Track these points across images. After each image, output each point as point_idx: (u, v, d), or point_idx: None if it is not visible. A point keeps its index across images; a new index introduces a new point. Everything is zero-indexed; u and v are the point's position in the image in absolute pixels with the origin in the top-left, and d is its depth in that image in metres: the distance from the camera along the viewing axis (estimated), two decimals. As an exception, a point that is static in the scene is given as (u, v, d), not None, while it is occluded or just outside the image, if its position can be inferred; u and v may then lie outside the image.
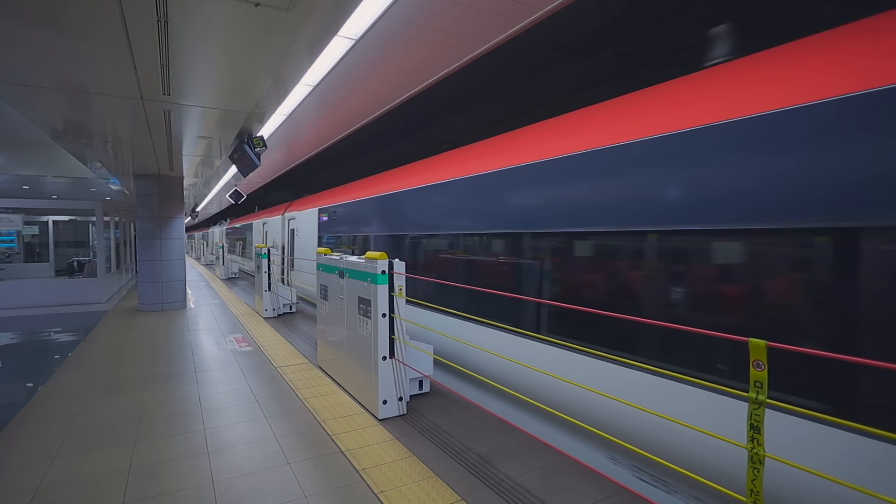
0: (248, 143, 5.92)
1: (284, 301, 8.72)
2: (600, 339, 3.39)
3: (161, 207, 9.38)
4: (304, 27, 3.11)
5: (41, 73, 3.83)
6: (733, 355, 2.61)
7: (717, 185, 2.65)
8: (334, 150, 10.39)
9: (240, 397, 4.21)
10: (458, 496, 2.60)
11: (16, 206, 10.77)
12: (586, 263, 3.62)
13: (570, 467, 2.93)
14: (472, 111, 10.85)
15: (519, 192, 4.27)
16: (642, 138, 3.13)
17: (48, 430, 3.50)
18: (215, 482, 2.76)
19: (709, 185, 2.69)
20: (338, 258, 4.45)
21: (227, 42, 3.32)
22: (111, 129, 5.82)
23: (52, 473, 2.87)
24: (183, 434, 3.44)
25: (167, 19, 2.90)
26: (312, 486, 2.71)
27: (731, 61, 2.96)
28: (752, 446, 1.61)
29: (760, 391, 1.57)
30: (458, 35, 3.86)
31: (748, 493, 1.63)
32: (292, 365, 5.26)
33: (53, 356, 5.89)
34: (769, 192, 2.42)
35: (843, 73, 2.23)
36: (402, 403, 3.79)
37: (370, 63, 4.45)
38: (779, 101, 2.42)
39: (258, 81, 4.16)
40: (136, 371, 5.03)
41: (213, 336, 6.85)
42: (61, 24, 3.00)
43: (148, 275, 9.29)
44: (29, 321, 8.62)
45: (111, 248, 12.57)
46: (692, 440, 2.62)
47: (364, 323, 3.86)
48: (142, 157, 7.71)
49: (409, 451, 3.15)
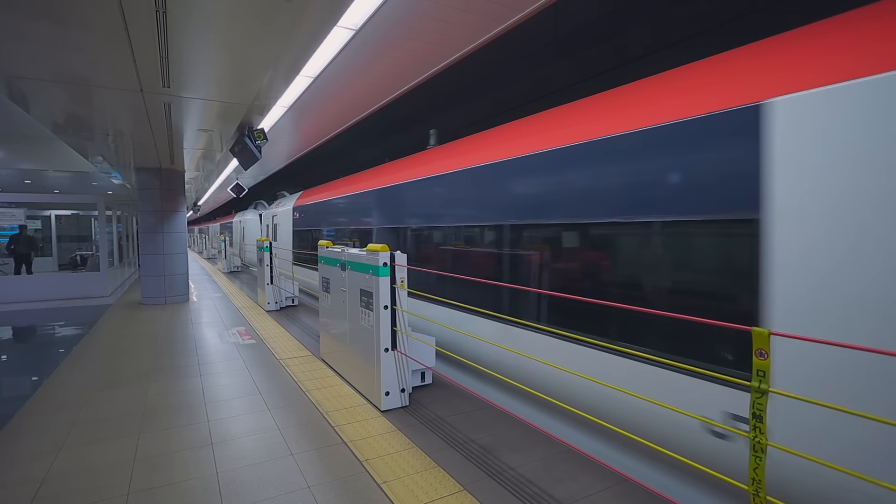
0: (248, 135, 5.90)
1: (287, 294, 8.74)
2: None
3: (163, 201, 9.39)
4: (304, 17, 3.08)
5: (41, 65, 3.81)
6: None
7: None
8: (339, 142, 10.37)
9: (243, 389, 4.23)
10: (460, 486, 2.62)
11: (18, 200, 10.77)
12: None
13: (571, 457, 2.94)
14: (469, 104, 10.80)
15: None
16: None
17: (53, 422, 3.53)
18: (219, 473, 2.78)
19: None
20: (339, 251, 4.45)
21: (226, 33, 3.30)
22: (112, 122, 5.81)
23: (58, 464, 2.89)
24: (187, 426, 3.46)
25: (165, 10, 2.87)
26: (316, 477, 2.72)
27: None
28: (755, 435, 1.60)
29: (763, 380, 1.57)
30: (459, 25, 3.83)
31: (750, 481, 1.63)
32: (295, 357, 5.27)
33: (58, 349, 5.92)
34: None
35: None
36: (405, 395, 3.80)
37: (370, 54, 4.42)
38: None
39: (258, 73, 4.13)
40: (139, 364, 5.06)
41: (216, 329, 6.87)
42: (59, 16, 2.98)
43: (151, 268, 9.32)
44: (33, 315, 8.66)
45: (114, 242, 12.59)
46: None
47: (366, 315, 3.86)
48: (143, 151, 7.70)
49: (412, 442, 3.16)
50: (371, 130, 12.72)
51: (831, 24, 2.42)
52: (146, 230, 9.31)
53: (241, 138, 5.98)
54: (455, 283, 5.12)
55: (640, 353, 2.76)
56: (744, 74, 2.60)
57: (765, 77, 2.47)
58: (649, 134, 3.01)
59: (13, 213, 10.58)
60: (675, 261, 2.93)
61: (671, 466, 2.87)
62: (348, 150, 15.80)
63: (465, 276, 4.46)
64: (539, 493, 2.54)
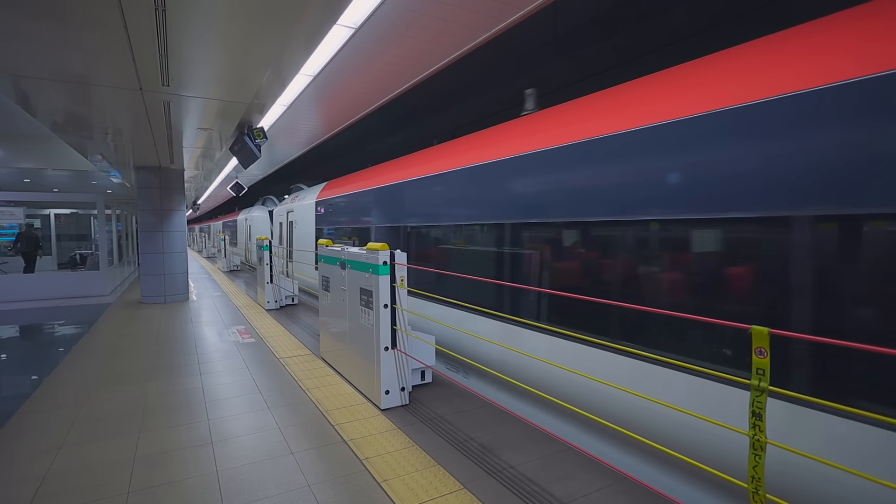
0: (248, 134, 5.90)
1: (286, 293, 8.74)
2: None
3: (162, 200, 9.38)
4: (303, 15, 3.08)
5: (40, 64, 3.80)
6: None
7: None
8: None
9: (243, 388, 4.23)
10: (460, 484, 2.62)
11: (17, 199, 10.76)
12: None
13: (571, 456, 2.94)
14: (471, 101, 10.76)
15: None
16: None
17: (53, 421, 3.53)
18: (219, 471, 2.78)
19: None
20: (339, 249, 4.45)
21: (226, 31, 3.29)
22: (111, 120, 5.80)
23: (58, 463, 2.89)
24: (187, 424, 3.46)
25: (165, 8, 2.87)
26: (316, 475, 2.73)
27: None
28: (754, 433, 1.61)
29: (763, 378, 1.57)
30: (458, 23, 3.82)
31: (749, 479, 1.64)
32: (295, 356, 5.28)
33: (57, 348, 5.92)
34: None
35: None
36: (405, 393, 3.80)
37: (370, 52, 4.41)
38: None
39: (258, 71, 4.13)
40: (139, 363, 5.06)
41: (216, 328, 6.87)
42: (60, 15, 2.97)
43: (150, 267, 9.32)
44: (32, 314, 8.66)
45: (113, 240, 12.58)
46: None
47: (366, 314, 3.86)
48: (142, 150, 7.69)
49: (412, 441, 3.16)
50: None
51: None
52: (145, 229, 9.31)
53: (241, 137, 5.98)
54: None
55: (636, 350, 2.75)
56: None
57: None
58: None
59: (12, 211, 10.58)
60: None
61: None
62: (359, 143, 15.38)
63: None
64: (539, 492, 2.55)
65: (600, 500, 2.48)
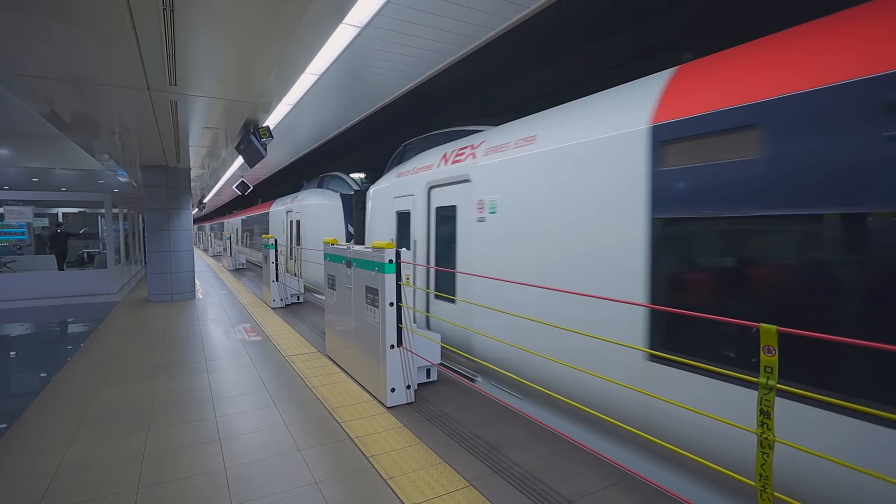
0: (254, 133, 5.92)
1: (292, 291, 8.78)
2: None
3: (169, 199, 9.44)
4: (309, 14, 3.09)
5: (49, 64, 3.84)
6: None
7: None
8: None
9: (250, 386, 4.26)
10: (466, 482, 2.63)
11: (26, 198, 10.88)
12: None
13: (577, 454, 2.94)
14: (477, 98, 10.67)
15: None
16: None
17: (63, 418, 3.56)
18: (227, 468, 2.80)
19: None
20: (345, 248, 4.46)
21: (233, 31, 3.31)
22: (118, 120, 5.84)
23: (69, 459, 2.93)
24: (195, 421, 3.49)
25: (173, 8, 2.89)
26: (323, 472, 2.75)
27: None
28: (762, 431, 1.60)
29: (771, 376, 1.57)
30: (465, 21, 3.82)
31: (757, 477, 1.63)
32: (301, 354, 5.30)
33: (66, 346, 5.99)
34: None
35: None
36: (410, 391, 3.82)
37: (375, 51, 4.42)
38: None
39: (265, 71, 4.14)
40: (147, 360, 5.10)
41: (223, 326, 6.91)
42: (68, 16, 3.00)
43: (157, 266, 9.38)
44: (41, 312, 8.74)
45: (120, 239, 12.69)
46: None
47: (372, 312, 3.88)
48: (149, 149, 7.74)
49: (418, 439, 3.18)
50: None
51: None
52: (152, 227, 9.37)
53: (247, 136, 6.00)
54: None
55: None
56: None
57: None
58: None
59: (21, 210, 10.68)
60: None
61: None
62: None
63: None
64: (545, 490, 2.55)
65: (606, 498, 2.48)
